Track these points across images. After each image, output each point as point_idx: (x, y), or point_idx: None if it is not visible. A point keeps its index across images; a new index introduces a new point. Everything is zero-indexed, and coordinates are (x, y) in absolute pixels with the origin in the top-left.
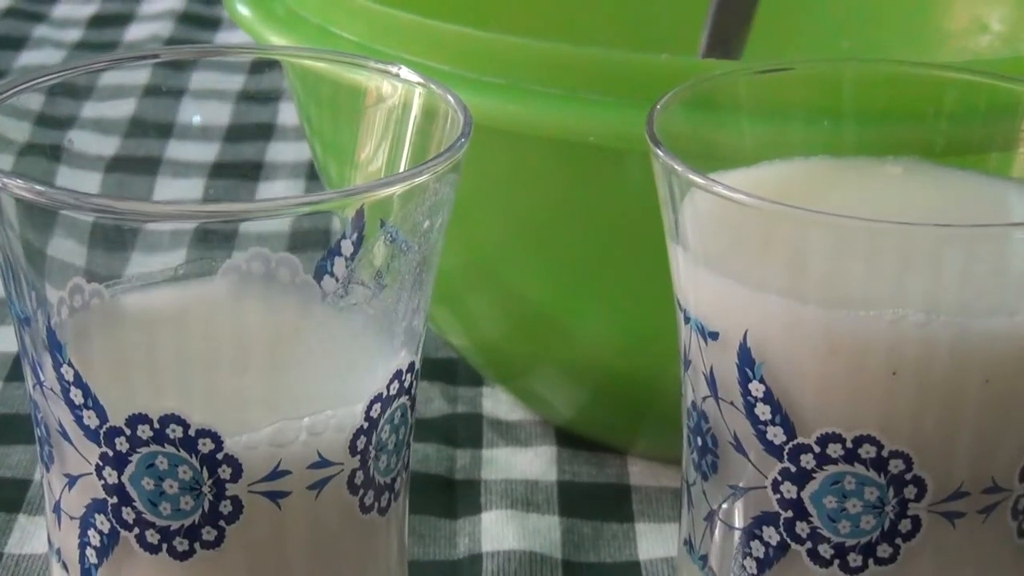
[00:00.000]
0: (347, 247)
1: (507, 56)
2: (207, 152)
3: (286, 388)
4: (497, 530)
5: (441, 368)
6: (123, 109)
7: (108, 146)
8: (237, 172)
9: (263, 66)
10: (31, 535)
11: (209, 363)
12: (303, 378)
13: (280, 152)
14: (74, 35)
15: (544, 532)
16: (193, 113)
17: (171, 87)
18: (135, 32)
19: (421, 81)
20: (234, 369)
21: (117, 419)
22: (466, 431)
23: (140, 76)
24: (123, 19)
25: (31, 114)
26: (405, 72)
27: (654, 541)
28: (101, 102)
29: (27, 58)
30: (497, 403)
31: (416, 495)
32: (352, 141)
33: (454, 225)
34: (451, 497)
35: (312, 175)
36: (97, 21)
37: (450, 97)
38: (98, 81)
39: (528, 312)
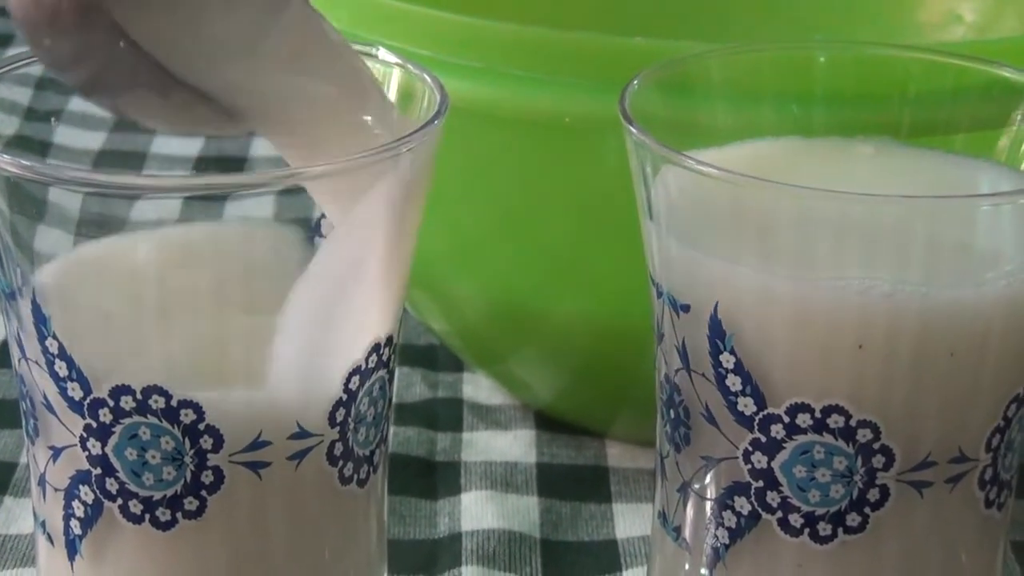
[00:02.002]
0: (327, 226)
1: (484, 40)
2: (191, 146)
3: (267, 359)
4: (477, 510)
5: (422, 354)
6: None
7: (94, 140)
8: (221, 166)
9: None
10: (17, 516)
11: (192, 335)
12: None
13: (263, 146)
14: None
15: (523, 512)
16: None
17: None
18: None
19: (399, 62)
20: (216, 341)
21: (101, 390)
22: (447, 415)
23: None
24: None
25: (18, 108)
26: (383, 53)
27: (631, 520)
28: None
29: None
30: (477, 388)
31: (397, 477)
32: None
33: (432, 209)
34: (432, 479)
35: None
36: None
37: (427, 76)
38: None
39: (507, 294)
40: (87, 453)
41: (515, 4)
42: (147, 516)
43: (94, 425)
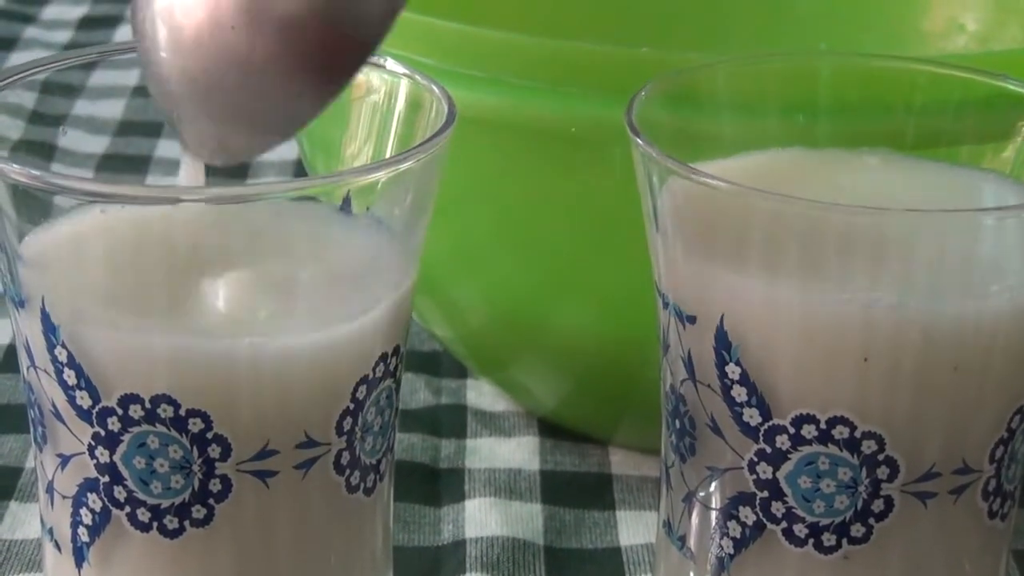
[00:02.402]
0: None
1: (490, 50)
2: None
3: (274, 369)
4: (481, 517)
5: (426, 360)
6: (113, 108)
7: (99, 144)
8: (225, 171)
9: None
10: (23, 521)
11: (201, 347)
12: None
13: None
14: (64, 36)
15: (527, 519)
16: None
17: None
18: (124, 34)
19: (407, 72)
20: (222, 352)
21: (109, 399)
22: (450, 421)
23: (130, 76)
24: (113, 21)
25: (24, 112)
26: (391, 64)
27: (635, 528)
28: (92, 101)
29: (17, 60)
30: (481, 394)
31: (401, 483)
32: (339, 134)
33: (438, 216)
34: (435, 485)
35: (300, 173)
36: (87, 23)
37: (434, 87)
38: (89, 80)
39: (511, 302)
40: (95, 461)
41: (522, 14)
42: (155, 524)
43: (102, 433)
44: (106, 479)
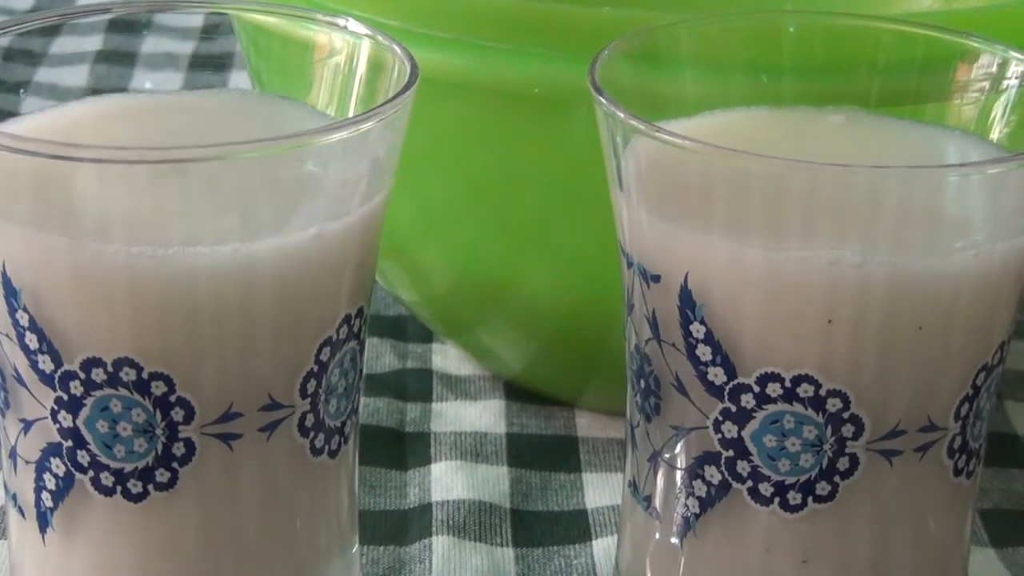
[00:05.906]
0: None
1: (453, 10)
2: None
3: (237, 331)
4: (447, 480)
5: (391, 325)
6: (76, 75)
7: None
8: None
9: (214, 30)
10: None
11: (163, 309)
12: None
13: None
14: (26, 3)
15: (493, 482)
16: (145, 79)
17: (124, 52)
18: (86, 1)
19: (368, 33)
20: (187, 316)
21: (72, 363)
22: (416, 385)
23: (93, 42)
24: None
25: None
26: (353, 24)
27: (601, 490)
28: (54, 68)
29: None
30: (447, 359)
31: (367, 447)
32: (301, 96)
33: (402, 179)
34: (401, 449)
35: None
36: None
37: (396, 48)
38: (51, 47)
39: (476, 265)
40: (58, 425)
41: None
42: (118, 488)
43: (65, 398)
44: (69, 444)
